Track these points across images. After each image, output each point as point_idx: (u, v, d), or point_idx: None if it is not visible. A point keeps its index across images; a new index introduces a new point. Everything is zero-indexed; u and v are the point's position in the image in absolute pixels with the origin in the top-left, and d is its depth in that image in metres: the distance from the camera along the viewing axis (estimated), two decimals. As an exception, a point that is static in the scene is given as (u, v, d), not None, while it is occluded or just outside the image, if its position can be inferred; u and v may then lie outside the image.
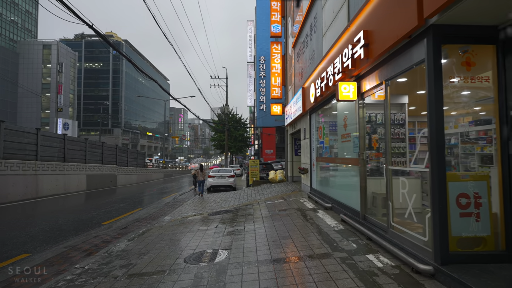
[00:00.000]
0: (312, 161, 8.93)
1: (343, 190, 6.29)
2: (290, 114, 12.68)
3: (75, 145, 16.64)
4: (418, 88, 3.89)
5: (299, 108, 9.99)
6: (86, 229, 7.61)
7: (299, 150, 13.81)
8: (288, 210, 7.31)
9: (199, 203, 11.19)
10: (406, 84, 4.17)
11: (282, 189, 11.87)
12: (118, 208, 11.51)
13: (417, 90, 3.95)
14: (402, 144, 4.40)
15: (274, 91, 14.38)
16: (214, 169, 17.45)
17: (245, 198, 11.01)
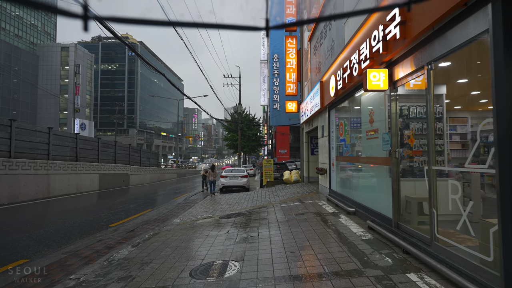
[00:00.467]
0: (332, 160, 8.25)
1: (370, 193, 5.60)
2: (306, 111, 12.00)
3: (88, 144, 16.53)
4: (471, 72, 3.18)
5: (316, 104, 9.32)
6: (91, 232, 7.23)
7: (316, 149, 13.11)
8: (306, 214, 6.66)
9: (210, 204, 10.70)
10: (455, 67, 3.47)
11: (298, 190, 11.21)
12: (128, 209, 11.17)
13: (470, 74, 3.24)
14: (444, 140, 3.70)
15: (289, 87, 13.74)
16: (227, 169, 16.96)
17: (259, 199, 10.43)
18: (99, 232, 7.29)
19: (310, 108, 10.59)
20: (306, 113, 11.97)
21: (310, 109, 10.61)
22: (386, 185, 4.90)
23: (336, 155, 7.86)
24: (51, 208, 10.99)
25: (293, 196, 9.97)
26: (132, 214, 9.89)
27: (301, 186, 12.15)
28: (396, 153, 4.36)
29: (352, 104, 6.64)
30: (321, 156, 9.66)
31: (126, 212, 10.36)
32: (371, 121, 5.50)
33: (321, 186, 9.65)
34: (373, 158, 5.41)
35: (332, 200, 7.68)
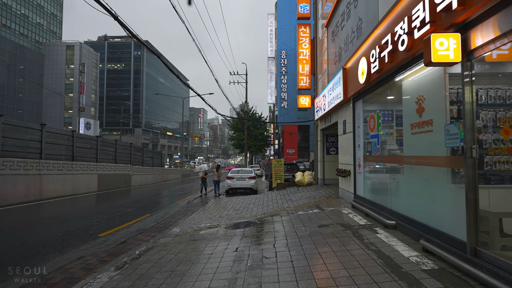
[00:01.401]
0: (357, 160, 7.01)
1: (420, 203, 4.36)
2: (321, 106, 10.78)
3: (86, 143, 15.53)
4: None
5: (337, 96, 8.08)
6: (76, 243, 6.12)
7: (332, 148, 11.87)
8: (332, 227, 5.44)
9: (215, 209, 9.54)
10: None
11: (314, 194, 9.98)
12: (124, 213, 10.08)
13: None
14: None
15: (301, 80, 12.52)
16: (233, 170, 15.81)
17: (270, 205, 9.23)
18: (85, 244, 6.18)
19: (328, 101, 9.36)
20: (321, 108, 10.75)
21: (328, 103, 9.38)
22: (449, 193, 3.67)
23: (364, 154, 6.62)
24: (40, 212, 9.96)
25: (309, 201, 8.75)
26: (128, 220, 8.78)
27: (316, 190, 10.91)
28: (472, 150, 3.13)
29: (390, 91, 5.40)
30: (342, 156, 8.43)
31: (122, 217, 9.27)
32: (419, 111, 4.27)
33: (342, 190, 8.41)
34: (424, 157, 4.17)
35: (359, 208, 6.45)
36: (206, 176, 13.95)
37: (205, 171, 14.00)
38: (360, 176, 6.87)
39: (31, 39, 57.99)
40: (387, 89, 5.49)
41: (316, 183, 12.43)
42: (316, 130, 12.54)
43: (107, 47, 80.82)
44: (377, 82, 5.61)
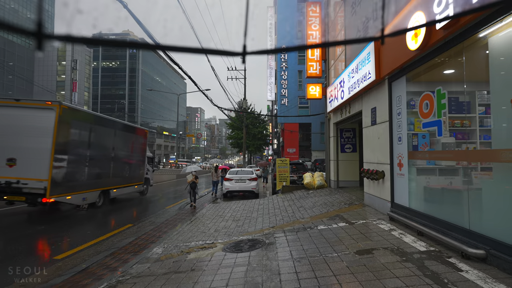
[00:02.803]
0: (397, 158, 5.31)
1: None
2: (336, 95, 9.09)
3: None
4: None
5: (364, 77, 6.39)
6: (20, 274, 4.38)
7: (347, 145, 10.18)
8: (378, 254, 3.73)
9: (210, 219, 7.80)
10: None
11: (329, 200, 8.27)
12: (101, 223, 8.32)
13: None
14: None
15: (311, 67, 10.84)
16: (231, 171, 14.09)
17: (278, 213, 7.51)
18: (31, 274, 4.43)
19: (348, 87, 7.66)
20: (336, 97, 9.05)
21: (348, 89, 7.68)
22: None
23: (409, 149, 4.92)
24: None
25: (327, 209, 7.03)
26: (102, 233, 7.03)
27: (331, 194, 9.20)
28: None
29: (466, 54, 3.68)
30: (370, 153, 6.72)
31: (96, 229, 7.51)
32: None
33: (370, 196, 6.71)
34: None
35: (403, 222, 4.76)
36: (197, 181, 10.46)
37: (196, 175, 10.45)
38: (402, 180, 5.16)
39: (21, 35, 55.74)
40: (458, 53, 3.78)
41: (328, 186, 10.73)
42: (328, 124, 10.85)
43: (102, 44, 78.65)
44: (443, 44, 3.89)
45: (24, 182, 7.87)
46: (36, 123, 8.03)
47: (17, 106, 8.28)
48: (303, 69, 34.98)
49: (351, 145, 10.19)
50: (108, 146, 10.64)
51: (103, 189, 10.32)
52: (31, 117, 8.10)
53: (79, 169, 9.11)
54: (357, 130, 10.30)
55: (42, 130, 7.97)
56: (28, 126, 8.07)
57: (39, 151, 7.90)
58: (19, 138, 8.03)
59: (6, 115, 8.17)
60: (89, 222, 8.60)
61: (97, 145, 9.97)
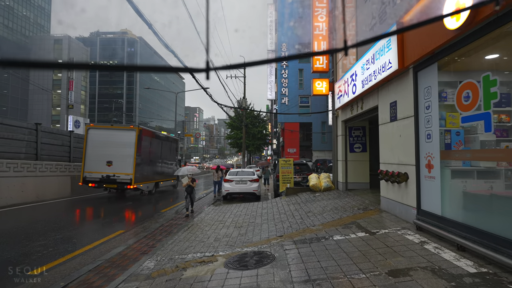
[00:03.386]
0: (424, 159, 4.63)
1: None
2: (346, 91, 8.41)
3: (55, 138, 12.98)
4: None
5: (382, 68, 5.70)
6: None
7: (357, 145, 9.49)
8: (417, 277, 3.03)
9: (210, 225, 7.09)
10: None
11: (339, 204, 7.57)
12: (89, 229, 7.58)
13: None
14: None
15: (317, 61, 10.14)
16: (231, 171, 13.39)
17: (285, 219, 6.80)
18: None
19: (362, 80, 6.97)
20: (346, 92, 8.37)
21: (361, 83, 6.99)
22: None
23: (442, 148, 4.23)
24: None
25: (339, 215, 6.33)
26: (88, 242, 6.31)
27: (340, 197, 8.51)
28: None
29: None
30: (388, 152, 6.02)
31: (82, 236, 6.78)
32: None
33: (388, 201, 6.01)
34: None
35: (435, 233, 4.08)
36: (194, 185, 8.84)
37: (192, 177, 8.94)
38: (431, 183, 4.46)
39: (16, 32, 54.92)
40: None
41: (335, 188, 10.03)
42: (336, 122, 10.15)
43: (100, 43, 78.01)
44: (494, 20, 3.19)
45: (117, 175, 12.16)
46: (124, 139, 12.45)
47: (112, 129, 13.34)
48: (304, 67, 34.32)
49: (361, 144, 9.50)
50: (159, 152, 14.99)
51: (156, 182, 14.44)
52: (120, 136, 12.59)
53: (146, 167, 13.23)
54: (367, 129, 9.62)
55: (127, 143, 12.35)
56: (119, 141, 12.47)
57: (126, 156, 12.22)
58: (113, 148, 12.39)
59: (105, 134, 12.69)
60: (77, 227, 7.87)
61: (154, 151, 14.32)
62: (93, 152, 12.44)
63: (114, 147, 12.34)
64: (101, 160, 12.18)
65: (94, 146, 12.51)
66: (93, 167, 12.28)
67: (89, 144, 12.52)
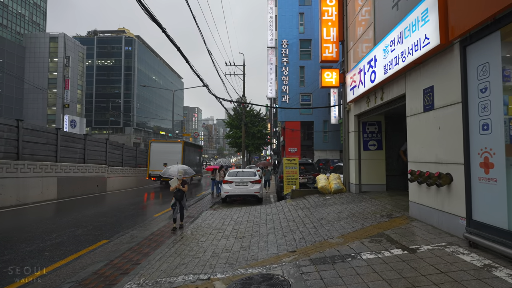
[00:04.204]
0: (478, 157, 3.64)
1: None
2: (362, 80, 7.42)
3: (39, 136, 11.94)
4: None
5: (416, 45, 4.71)
6: None
7: (372, 142, 8.51)
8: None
9: (207, 235, 6.08)
10: None
11: (355, 209, 6.57)
12: (66, 240, 6.53)
13: None
14: None
15: (326, 49, 9.16)
16: (231, 172, 12.40)
17: (294, 228, 5.79)
18: None
19: (384, 65, 5.98)
20: (362, 82, 7.38)
21: (383, 68, 6.00)
22: None
23: (507, 142, 3.24)
24: None
25: (361, 224, 5.33)
26: (62, 257, 5.29)
27: (354, 200, 7.50)
28: None
29: None
30: (421, 149, 5.02)
31: (56, 250, 5.75)
32: None
33: (421, 207, 5.01)
34: None
35: (502, 253, 3.10)
36: (185, 189, 6.93)
37: (183, 178, 7.00)
38: (490, 187, 3.46)
39: (11, 30, 53.73)
40: None
41: (347, 190, 9.04)
42: (347, 116, 9.16)
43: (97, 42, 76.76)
44: None
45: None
46: (174, 149, 18.61)
47: (166, 142, 20.30)
48: (305, 64, 33.34)
49: (376, 141, 8.51)
50: (192, 155, 21.93)
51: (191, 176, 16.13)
52: (172, 146, 18.95)
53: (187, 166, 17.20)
54: (383, 124, 8.63)
55: (176, 151, 18.46)
56: (171, 150, 18.53)
57: (176, 160, 15.39)
58: (167, 154, 18.03)
59: (162, 146, 19.19)
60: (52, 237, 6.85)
61: (190, 155, 21.08)
62: (154, 157, 18.54)
63: (167, 154, 18.31)
64: (159, 162, 17.46)
65: (154, 153, 18.75)
66: (154, 167, 18.21)
67: (151, 152, 18.88)
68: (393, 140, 8.79)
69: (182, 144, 18.98)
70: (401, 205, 6.27)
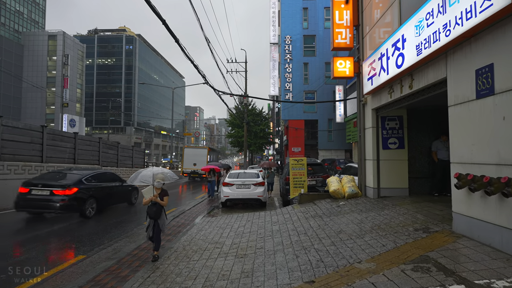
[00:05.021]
0: None
1: None
2: (384, 67, 6.34)
3: (22, 134, 10.95)
4: None
5: (469, 12, 3.63)
6: None
7: (392, 140, 7.43)
8: None
9: (201, 249, 5.02)
10: None
11: (378, 218, 5.49)
12: (37, 255, 5.49)
13: None
14: None
15: (338, 35, 8.09)
16: (231, 173, 11.37)
17: (308, 244, 4.71)
18: None
19: (416, 45, 4.90)
20: (384, 69, 6.30)
21: (416, 48, 4.92)
22: None
23: None
24: None
25: (393, 241, 4.25)
26: (19, 282, 4.25)
27: (374, 208, 6.42)
28: None
29: None
30: (471, 147, 3.93)
31: (18, 268, 4.71)
32: None
33: (474, 221, 3.92)
34: None
35: None
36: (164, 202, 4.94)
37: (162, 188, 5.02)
38: None
39: (9, 28, 52.93)
40: None
41: (363, 195, 7.96)
42: (363, 111, 8.08)
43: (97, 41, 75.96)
44: None
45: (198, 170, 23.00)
46: (201, 152, 25.45)
47: (196, 147, 30.54)
48: (309, 61, 32.21)
49: (397, 139, 7.43)
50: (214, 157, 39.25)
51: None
52: (199, 150, 26.10)
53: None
54: (405, 119, 7.54)
55: (203, 154, 25.06)
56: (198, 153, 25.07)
57: (202, 161, 23.91)
58: (196, 157, 24.52)
59: (192, 150, 26.18)
60: (14, 256, 5.83)
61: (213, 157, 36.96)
62: (186, 159, 24.49)
63: (196, 156, 24.31)
64: (190, 162, 23.59)
65: (186, 156, 24.70)
66: (187, 166, 24.33)
67: (185, 155, 24.86)
68: (417, 137, 7.70)
69: (207, 149, 26.61)
70: (435, 215, 5.19)
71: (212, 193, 13.12)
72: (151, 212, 4.86)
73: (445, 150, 7.02)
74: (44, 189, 7.87)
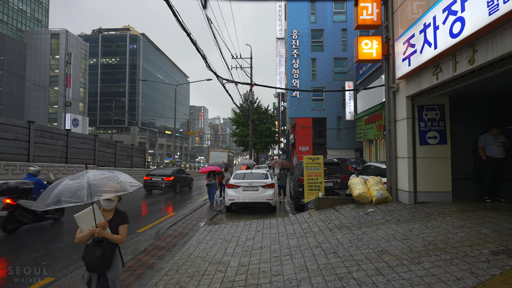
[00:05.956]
0: None
1: None
2: (429, 41, 5.06)
3: (5, 131, 9.88)
4: None
5: None
6: None
7: (432, 133, 6.18)
8: None
9: (198, 274, 3.79)
10: None
11: (428, 232, 4.23)
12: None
13: None
14: None
15: (363, 10, 6.81)
16: (237, 174, 10.16)
17: (343, 271, 3.45)
18: None
19: (488, 1, 3.62)
20: (429, 43, 5.03)
21: (488, 4, 3.65)
22: None
23: None
24: None
25: (469, 270, 3.00)
26: None
27: (415, 217, 5.15)
28: None
29: None
30: None
31: None
32: None
33: None
34: None
35: None
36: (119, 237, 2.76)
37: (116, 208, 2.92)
38: None
39: (12, 27, 52.46)
40: None
41: (394, 199, 6.68)
42: (394, 99, 6.80)
43: (101, 40, 75.47)
44: None
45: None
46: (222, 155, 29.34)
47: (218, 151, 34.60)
48: (317, 56, 30.84)
49: (438, 132, 6.14)
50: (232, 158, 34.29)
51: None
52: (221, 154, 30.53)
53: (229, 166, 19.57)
54: (447, 108, 6.24)
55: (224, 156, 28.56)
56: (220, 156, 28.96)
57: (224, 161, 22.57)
58: (219, 159, 25.52)
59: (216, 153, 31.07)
60: None
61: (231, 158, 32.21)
62: (212, 161, 25.46)
63: (219, 158, 26.18)
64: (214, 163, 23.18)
65: (212, 158, 27.58)
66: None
67: (210, 157, 28.35)
68: (460, 131, 6.39)
69: (228, 153, 30.33)
70: (508, 229, 3.92)
71: (213, 199, 10.93)
72: (92, 259, 2.57)
73: (497, 145, 5.74)
74: (158, 177, 14.49)
